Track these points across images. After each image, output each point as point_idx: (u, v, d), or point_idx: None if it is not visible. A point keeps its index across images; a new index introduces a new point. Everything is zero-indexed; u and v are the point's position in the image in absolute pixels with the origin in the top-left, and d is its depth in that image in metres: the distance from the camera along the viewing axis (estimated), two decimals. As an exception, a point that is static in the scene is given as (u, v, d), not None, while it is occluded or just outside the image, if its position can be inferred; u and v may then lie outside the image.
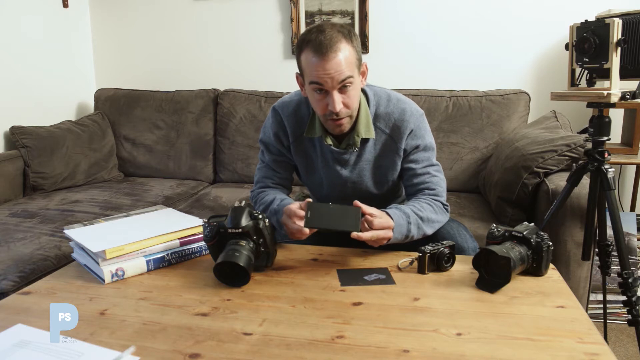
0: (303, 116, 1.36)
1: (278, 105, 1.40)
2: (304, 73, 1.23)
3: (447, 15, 2.53)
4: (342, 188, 1.40)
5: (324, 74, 1.16)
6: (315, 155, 1.38)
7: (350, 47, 1.18)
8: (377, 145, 1.34)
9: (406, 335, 0.87)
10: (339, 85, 1.18)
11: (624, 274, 1.50)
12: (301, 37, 1.21)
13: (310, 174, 1.42)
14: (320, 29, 1.18)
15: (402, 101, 1.34)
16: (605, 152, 1.49)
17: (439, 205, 1.32)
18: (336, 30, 1.17)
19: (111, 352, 0.82)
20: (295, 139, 1.38)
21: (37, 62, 2.60)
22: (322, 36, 1.16)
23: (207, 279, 1.10)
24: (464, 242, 1.31)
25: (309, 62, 1.18)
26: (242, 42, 2.79)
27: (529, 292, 1.02)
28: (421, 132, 1.34)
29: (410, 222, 1.22)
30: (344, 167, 1.36)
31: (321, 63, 1.16)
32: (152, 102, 2.72)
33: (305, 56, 1.19)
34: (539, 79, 2.49)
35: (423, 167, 1.34)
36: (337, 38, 1.16)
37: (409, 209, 1.24)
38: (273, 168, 1.43)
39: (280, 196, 1.36)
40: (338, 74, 1.16)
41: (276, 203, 1.32)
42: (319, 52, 1.15)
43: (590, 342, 0.84)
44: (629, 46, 1.37)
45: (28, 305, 1.00)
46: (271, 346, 0.84)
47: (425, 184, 1.34)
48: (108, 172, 2.63)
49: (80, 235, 1.19)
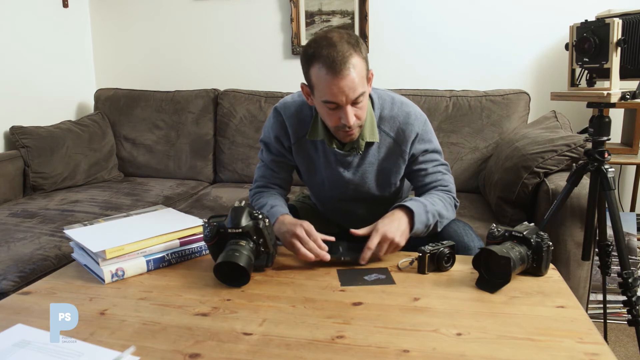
0: (305, 118, 1.35)
1: (280, 106, 1.39)
2: (314, 88, 1.19)
3: (447, 15, 2.53)
4: (344, 190, 1.40)
5: (338, 92, 1.14)
6: (317, 156, 1.37)
7: (360, 60, 1.15)
8: (381, 148, 1.34)
9: (406, 335, 0.87)
10: (352, 101, 1.17)
11: (624, 274, 1.50)
12: (310, 49, 1.16)
13: (312, 175, 1.42)
14: (330, 42, 1.14)
15: (405, 104, 1.34)
16: (605, 152, 1.49)
17: (451, 199, 1.35)
18: (345, 42, 1.14)
19: (111, 352, 0.82)
20: (297, 140, 1.37)
21: (37, 62, 2.60)
22: (334, 52, 1.12)
23: (207, 279, 1.10)
24: (471, 242, 1.32)
25: (320, 79, 1.15)
26: (242, 42, 2.79)
27: (529, 292, 1.02)
28: (428, 136, 1.35)
29: (428, 212, 1.24)
30: (347, 169, 1.36)
31: (335, 81, 1.13)
32: (152, 102, 2.72)
33: (316, 72, 1.16)
34: (539, 79, 2.49)
35: (434, 166, 1.36)
36: (349, 52, 1.13)
37: (424, 200, 1.27)
38: (272, 168, 1.43)
39: (272, 201, 1.34)
40: (352, 91, 1.14)
41: (266, 210, 1.31)
42: (332, 70, 1.12)
43: (590, 342, 0.84)
44: (629, 46, 1.37)
45: (28, 305, 1.00)
46: (271, 346, 0.84)
47: (438, 181, 1.36)
48: (108, 172, 2.63)
49: (80, 235, 1.19)
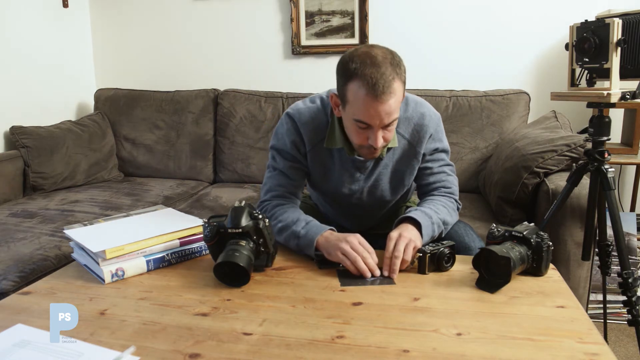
0: (320, 124, 1.30)
1: (293, 112, 1.32)
2: (347, 104, 1.15)
3: (447, 15, 2.53)
4: (359, 194, 1.38)
5: (374, 116, 1.11)
6: (333, 163, 1.34)
7: (400, 84, 1.12)
8: (396, 150, 1.32)
9: (406, 335, 0.87)
10: (384, 125, 1.15)
11: (624, 274, 1.50)
12: (352, 64, 1.11)
13: (326, 181, 1.38)
14: (374, 61, 1.09)
15: (419, 104, 1.32)
16: (605, 152, 1.49)
17: (453, 202, 1.34)
18: (389, 64, 1.10)
19: (111, 352, 0.82)
20: (313, 147, 1.32)
21: (37, 62, 2.60)
22: (378, 74, 1.08)
23: (207, 279, 1.10)
24: (472, 242, 1.32)
25: (358, 98, 1.11)
26: (242, 42, 2.79)
27: (529, 292, 1.02)
28: (439, 136, 1.34)
29: (434, 223, 1.23)
30: (362, 173, 1.34)
31: (373, 105, 1.10)
32: (152, 102, 2.72)
33: (354, 89, 1.11)
34: (539, 79, 2.49)
35: (439, 166, 1.35)
36: (392, 76, 1.09)
37: (430, 211, 1.24)
38: (288, 175, 1.35)
39: (304, 216, 1.26)
40: (388, 116, 1.12)
41: (300, 225, 1.22)
42: (373, 94, 1.09)
43: (590, 342, 0.84)
44: (629, 46, 1.37)
45: (28, 305, 1.00)
46: (271, 346, 0.84)
47: (442, 182, 1.35)
48: (108, 172, 2.63)
49: (80, 235, 1.19)
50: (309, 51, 2.69)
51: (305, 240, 1.19)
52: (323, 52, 2.67)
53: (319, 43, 2.67)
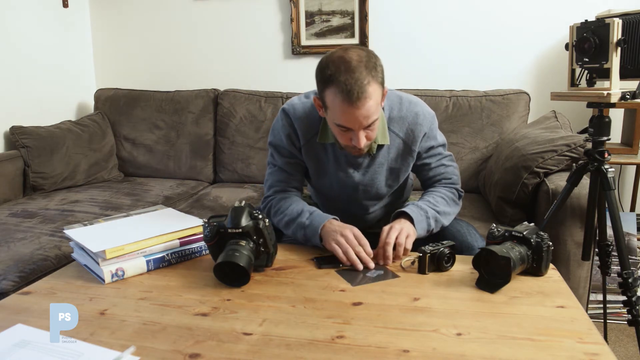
0: (314, 119, 1.33)
1: (287, 107, 1.36)
2: (327, 109, 1.18)
3: (447, 15, 2.52)
4: (353, 191, 1.40)
5: (353, 120, 1.14)
6: (327, 158, 1.36)
7: (377, 86, 1.13)
8: (391, 148, 1.34)
9: (406, 335, 0.87)
10: (364, 127, 1.16)
11: (624, 274, 1.49)
12: (327, 70, 1.13)
13: (321, 176, 1.41)
14: (348, 67, 1.10)
15: (413, 103, 1.34)
16: (605, 152, 1.49)
17: (454, 192, 1.40)
18: (364, 68, 1.11)
19: (111, 352, 0.82)
20: (307, 142, 1.35)
21: (37, 62, 2.60)
22: (352, 80, 1.09)
23: (207, 279, 1.10)
24: (474, 241, 1.33)
25: (335, 105, 1.13)
26: (242, 42, 2.79)
27: (529, 292, 1.02)
28: (433, 133, 1.37)
29: (429, 217, 1.28)
30: (357, 170, 1.36)
31: (350, 110, 1.12)
32: (152, 102, 2.72)
33: (331, 96, 1.13)
34: (539, 79, 2.49)
35: (437, 160, 1.40)
36: (366, 80, 1.10)
37: (425, 205, 1.30)
38: (287, 171, 1.40)
39: (307, 207, 1.31)
40: (366, 119, 1.14)
41: (305, 216, 1.28)
42: (348, 100, 1.10)
43: (590, 342, 0.84)
44: (629, 46, 1.37)
45: (28, 305, 1.00)
46: (271, 346, 0.84)
47: (441, 174, 1.41)
48: (108, 172, 2.63)
49: (80, 235, 1.19)
50: (309, 51, 2.69)
51: (310, 230, 1.25)
52: (323, 52, 2.64)
53: (319, 43, 2.67)
